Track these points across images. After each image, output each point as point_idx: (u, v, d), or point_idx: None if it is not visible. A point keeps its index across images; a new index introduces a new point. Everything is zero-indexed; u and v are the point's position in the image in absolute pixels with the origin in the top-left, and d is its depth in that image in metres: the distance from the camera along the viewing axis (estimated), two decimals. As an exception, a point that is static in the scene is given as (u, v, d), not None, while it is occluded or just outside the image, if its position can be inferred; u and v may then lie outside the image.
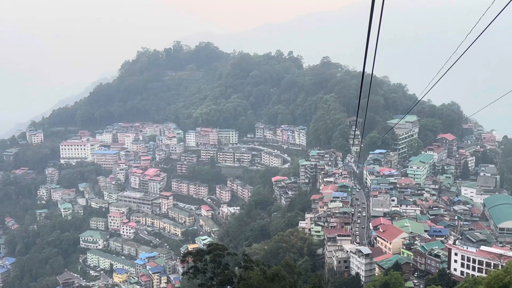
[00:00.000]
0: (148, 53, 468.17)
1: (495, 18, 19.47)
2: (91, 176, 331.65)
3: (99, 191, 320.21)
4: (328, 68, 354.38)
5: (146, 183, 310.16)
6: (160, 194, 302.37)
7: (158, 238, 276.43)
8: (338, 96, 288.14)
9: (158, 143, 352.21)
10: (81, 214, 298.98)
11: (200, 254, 59.89)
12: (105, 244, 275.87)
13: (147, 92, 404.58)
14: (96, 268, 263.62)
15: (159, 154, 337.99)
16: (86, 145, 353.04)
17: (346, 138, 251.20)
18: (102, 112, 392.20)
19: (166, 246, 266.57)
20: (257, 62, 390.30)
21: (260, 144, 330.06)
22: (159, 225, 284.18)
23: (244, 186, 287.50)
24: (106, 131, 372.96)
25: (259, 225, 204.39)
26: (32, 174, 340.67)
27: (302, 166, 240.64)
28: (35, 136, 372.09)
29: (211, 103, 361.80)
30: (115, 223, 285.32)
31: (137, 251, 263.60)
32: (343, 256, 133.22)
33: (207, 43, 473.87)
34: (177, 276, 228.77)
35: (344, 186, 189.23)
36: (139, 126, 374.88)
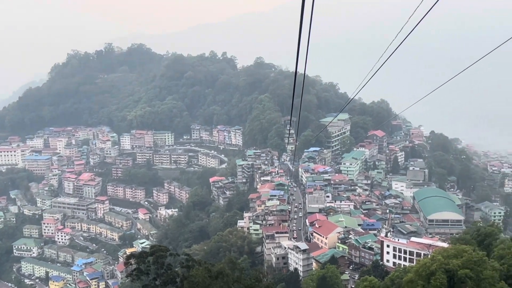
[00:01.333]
0: (78, 55, 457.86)
1: (422, 18, 20.55)
2: (22, 183, 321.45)
3: (31, 198, 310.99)
4: (261, 69, 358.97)
5: (80, 188, 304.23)
6: (95, 198, 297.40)
7: (95, 244, 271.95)
8: (273, 96, 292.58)
9: (92, 147, 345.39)
10: (14, 222, 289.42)
11: (143, 256, 61.01)
12: (40, 252, 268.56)
13: (79, 95, 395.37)
14: (31, 276, 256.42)
15: (93, 158, 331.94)
16: (16, 151, 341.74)
17: (282, 137, 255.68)
18: (32, 116, 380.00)
19: (103, 251, 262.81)
20: (191, 63, 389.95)
21: (196, 145, 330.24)
22: (96, 230, 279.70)
23: (181, 187, 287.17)
24: (37, 136, 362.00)
25: (198, 226, 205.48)
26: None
27: (239, 166, 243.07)
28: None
29: (146, 105, 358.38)
30: (49, 230, 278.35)
31: (73, 258, 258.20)
32: (282, 253, 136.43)
33: (140, 44, 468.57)
34: (116, 281, 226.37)
35: (280, 184, 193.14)
36: (71, 130, 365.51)
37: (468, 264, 58.87)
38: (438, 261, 59.74)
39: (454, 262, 58.85)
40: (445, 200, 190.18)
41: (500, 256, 69.17)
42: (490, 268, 59.33)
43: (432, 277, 58.51)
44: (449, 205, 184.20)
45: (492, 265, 60.94)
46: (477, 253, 61.92)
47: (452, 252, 62.22)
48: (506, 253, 68.78)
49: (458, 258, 59.75)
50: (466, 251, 61.46)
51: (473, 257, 59.93)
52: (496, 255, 70.40)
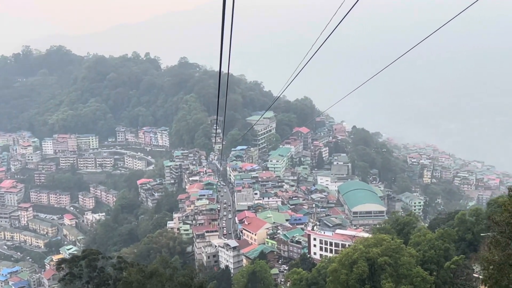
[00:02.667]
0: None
1: (346, 15, 20.91)
2: None
3: None
4: (186, 69, 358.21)
5: (2, 195, 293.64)
6: (18, 206, 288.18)
7: (20, 252, 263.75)
8: (198, 96, 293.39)
9: (12, 153, 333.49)
10: None
11: (75, 260, 61.33)
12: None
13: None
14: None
15: (14, 165, 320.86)
16: None
17: (209, 136, 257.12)
18: None
19: (29, 259, 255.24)
20: (114, 64, 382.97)
21: (122, 147, 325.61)
22: (20, 238, 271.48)
23: (108, 191, 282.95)
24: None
25: (127, 229, 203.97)
26: None
27: (167, 167, 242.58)
28: None
29: (68, 108, 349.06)
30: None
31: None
32: (212, 251, 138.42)
33: (59, 46, 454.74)
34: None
35: (209, 184, 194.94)
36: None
37: (387, 252, 63.06)
38: (360, 250, 63.65)
39: (374, 250, 62.88)
40: (368, 192, 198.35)
41: (416, 243, 74.10)
42: (407, 255, 63.78)
43: (354, 265, 62.27)
44: (371, 197, 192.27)
45: (409, 252, 65.48)
46: (395, 241, 66.31)
47: (372, 241, 66.44)
48: (421, 240, 73.79)
49: (378, 247, 63.88)
50: (385, 240, 65.76)
51: (391, 245, 64.24)
52: (412, 242, 75.34)
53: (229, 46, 18.21)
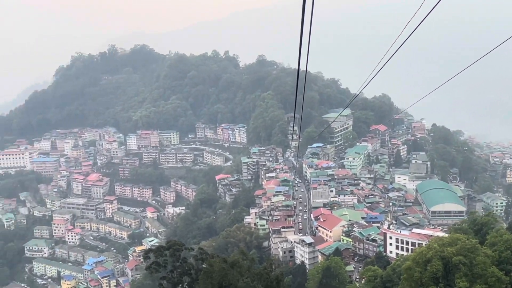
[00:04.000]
0: (82, 57, 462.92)
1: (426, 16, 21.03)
2: (31, 185, 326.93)
3: (41, 200, 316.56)
4: (264, 66, 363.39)
5: (89, 188, 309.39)
6: (103, 198, 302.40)
7: (105, 243, 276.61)
8: (275, 94, 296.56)
9: (99, 148, 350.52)
10: (24, 223, 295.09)
11: (160, 250, 65.77)
12: (51, 252, 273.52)
13: (84, 97, 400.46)
14: (43, 276, 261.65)
15: (100, 159, 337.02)
16: (25, 153, 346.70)
17: (285, 134, 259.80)
18: (39, 119, 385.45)
19: (113, 250, 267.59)
20: (194, 62, 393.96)
21: (201, 144, 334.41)
22: (105, 229, 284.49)
23: (188, 186, 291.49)
24: (44, 139, 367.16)
25: (205, 223, 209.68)
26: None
27: (244, 163, 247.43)
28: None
29: (150, 105, 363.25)
30: (59, 230, 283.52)
31: (84, 257, 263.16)
32: (288, 247, 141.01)
33: (143, 45, 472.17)
34: (126, 279, 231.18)
35: (285, 180, 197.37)
36: (78, 132, 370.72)
37: (461, 251, 63.30)
38: (434, 249, 64.25)
39: (448, 249, 63.30)
40: (447, 192, 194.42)
41: (493, 243, 73.58)
42: (483, 255, 63.74)
43: (429, 264, 63.02)
44: (451, 197, 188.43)
45: (485, 252, 65.38)
46: (470, 241, 66.31)
47: (447, 241, 66.81)
48: (498, 240, 73.25)
49: (453, 246, 64.22)
50: (460, 239, 65.94)
51: (466, 244, 64.38)
52: (488, 243, 74.87)
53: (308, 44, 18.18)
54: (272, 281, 56.96)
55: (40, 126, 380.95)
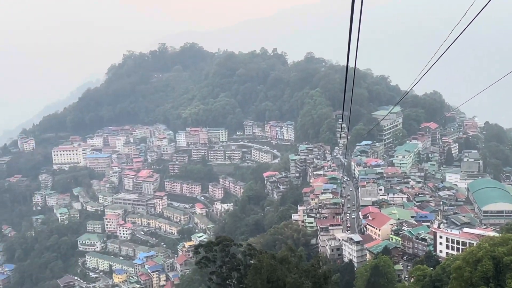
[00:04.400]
0: (134, 56, 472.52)
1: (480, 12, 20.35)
2: (84, 180, 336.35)
3: (93, 195, 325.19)
4: (312, 64, 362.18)
5: (139, 184, 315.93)
6: (154, 194, 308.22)
7: (155, 238, 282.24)
8: (323, 91, 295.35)
9: (149, 145, 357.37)
10: (77, 218, 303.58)
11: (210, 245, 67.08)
12: (103, 246, 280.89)
13: (135, 94, 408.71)
14: (96, 270, 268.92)
15: (151, 156, 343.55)
16: (78, 150, 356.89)
17: (333, 131, 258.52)
18: (91, 116, 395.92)
19: (163, 245, 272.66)
20: (243, 60, 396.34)
21: (249, 141, 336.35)
22: (155, 224, 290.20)
23: (236, 182, 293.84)
24: (96, 135, 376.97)
25: (253, 220, 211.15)
26: (26, 181, 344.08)
27: (292, 160, 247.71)
28: (26, 144, 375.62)
29: (199, 103, 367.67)
30: (111, 225, 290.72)
31: (134, 251, 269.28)
32: (336, 245, 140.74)
33: (192, 43, 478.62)
34: (176, 274, 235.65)
35: (333, 178, 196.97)
36: (129, 129, 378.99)
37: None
38: (485, 249, 63.24)
39: (500, 249, 62.17)
40: (500, 191, 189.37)
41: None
42: (535, 255, 62.29)
43: (479, 263, 62.12)
44: (504, 196, 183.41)
45: (538, 252, 63.84)
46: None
47: (498, 240, 65.62)
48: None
49: (504, 246, 63.06)
50: (511, 239, 64.71)
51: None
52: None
53: (357, 40, 17.99)
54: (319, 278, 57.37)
55: (93, 123, 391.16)
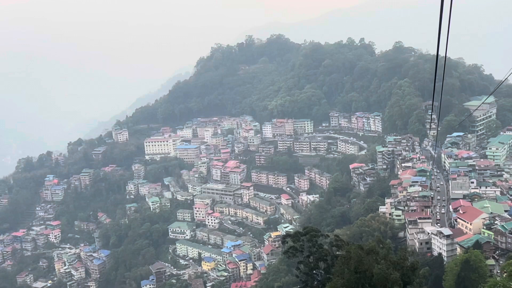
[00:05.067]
0: (221, 48, 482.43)
1: None
2: (175, 170, 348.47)
3: (183, 184, 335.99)
4: (401, 53, 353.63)
5: (227, 175, 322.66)
6: (241, 185, 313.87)
7: (242, 227, 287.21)
8: (413, 81, 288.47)
9: (236, 136, 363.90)
10: (168, 206, 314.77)
11: (297, 235, 68.50)
12: (192, 234, 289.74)
13: (222, 87, 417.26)
14: (185, 257, 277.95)
15: (238, 147, 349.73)
16: (168, 141, 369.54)
17: (423, 122, 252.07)
18: (181, 108, 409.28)
19: (250, 235, 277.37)
20: (329, 51, 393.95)
21: (335, 132, 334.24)
22: (242, 214, 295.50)
23: (321, 174, 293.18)
24: (186, 127, 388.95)
25: (339, 212, 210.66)
26: (120, 171, 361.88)
27: (379, 152, 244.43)
28: (120, 135, 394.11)
29: (285, 94, 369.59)
30: (200, 214, 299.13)
31: (222, 240, 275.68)
32: (425, 238, 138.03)
33: (278, 35, 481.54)
34: (262, 263, 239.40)
35: (422, 170, 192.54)
36: (217, 120, 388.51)
37: None
38: None
39: None
40: None
41: None
42: None
43: None
44: None
45: None
46: None
47: None
48: None
49: None
50: None
51: None
52: None
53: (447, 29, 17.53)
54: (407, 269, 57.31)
55: (182, 114, 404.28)
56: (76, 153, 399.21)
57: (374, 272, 52.03)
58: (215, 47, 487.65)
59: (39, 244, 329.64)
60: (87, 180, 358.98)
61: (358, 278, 51.58)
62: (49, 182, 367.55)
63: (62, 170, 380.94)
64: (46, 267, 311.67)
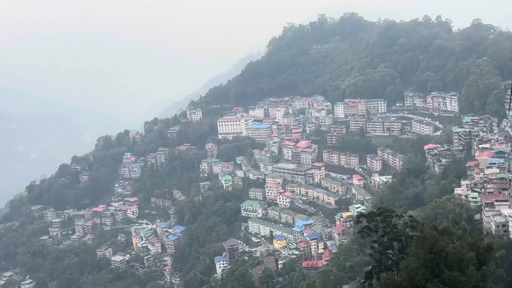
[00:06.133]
0: (293, 28, 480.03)
1: None
2: (246, 150, 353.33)
3: (255, 164, 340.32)
4: (479, 31, 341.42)
5: (298, 154, 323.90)
6: (312, 165, 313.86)
7: (313, 207, 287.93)
8: (491, 60, 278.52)
9: (308, 116, 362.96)
10: (240, 185, 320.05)
11: (372, 215, 69.38)
12: (264, 213, 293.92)
13: (294, 67, 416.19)
14: (257, 235, 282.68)
15: (309, 127, 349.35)
16: (241, 120, 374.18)
17: (502, 102, 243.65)
18: (253, 88, 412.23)
19: (321, 214, 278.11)
20: (404, 29, 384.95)
21: (409, 112, 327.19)
22: (313, 194, 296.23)
23: (395, 155, 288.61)
24: (258, 107, 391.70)
25: (413, 193, 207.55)
26: (194, 150, 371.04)
27: (456, 133, 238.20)
28: (194, 114, 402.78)
29: (358, 74, 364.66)
30: (271, 193, 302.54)
31: (293, 219, 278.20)
32: (502, 221, 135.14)
33: (352, 13, 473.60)
34: (333, 243, 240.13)
35: (500, 152, 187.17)
36: (288, 101, 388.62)
37: None
38: None
39: None
40: None
41: None
42: None
43: None
44: None
45: None
46: None
47: None
48: None
49: None
50: None
51: None
52: None
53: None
54: (483, 250, 57.13)
55: (254, 94, 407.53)
56: (152, 132, 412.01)
57: (449, 251, 52.32)
58: (287, 27, 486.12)
59: (117, 219, 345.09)
60: (162, 158, 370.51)
61: (432, 258, 52.07)
62: (126, 160, 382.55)
63: (139, 148, 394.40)
64: (124, 242, 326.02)
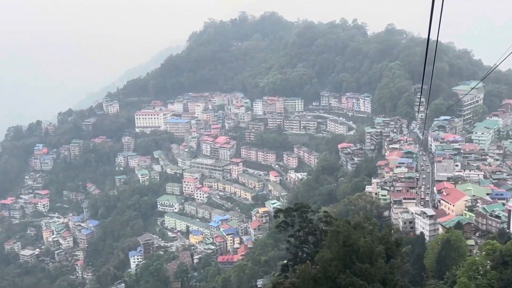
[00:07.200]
0: (214, 24, 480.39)
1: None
2: (165, 144, 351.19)
3: (173, 158, 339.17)
4: (392, 35, 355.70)
5: (217, 150, 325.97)
6: (230, 160, 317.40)
7: (230, 202, 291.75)
8: (403, 64, 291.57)
9: (227, 112, 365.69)
10: (157, 179, 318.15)
11: (289, 211, 72.41)
12: (181, 208, 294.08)
13: (215, 62, 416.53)
14: (173, 230, 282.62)
15: (228, 123, 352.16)
16: (159, 114, 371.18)
17: (411, 105, 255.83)
18: (173, 82, 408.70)
19: (238, 210, 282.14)
20: (322, 30, 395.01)
21: (325, 112, 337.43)
22: (230, 190, 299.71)
23: (310, 152, 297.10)
24: (177, 101, 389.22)
25: (327, 190, 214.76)
26: (110, 143, 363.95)
27: (368, 133, 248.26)
28: (111, 107, 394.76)
29: (277, 72, 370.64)
30: (189, 188, 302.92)
31: (210, 214, 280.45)
32: (409, 218, 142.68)
33: (272, 12, 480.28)
34: (249, 237, 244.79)
35: (409, 152, 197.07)
36: (208, 96, 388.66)
37: None
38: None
39: None
40: None
41: None
42: None
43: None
44: None
45: None
46: None
47: None
48: None
49: None
50: None
51: None
52: None
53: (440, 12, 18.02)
54: (392, 244, 61.31)
55: (173, 89, 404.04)
56: (66, 123, 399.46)
57: (360, 245, 55.91)
58: (208, 22, 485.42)
59: (27, 212, 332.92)
60: (76, 150, 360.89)
61: (346, 251, 55.37)
62: (38, 152, 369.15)
63: (52, 140, 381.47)
64: (34, 236, 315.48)
